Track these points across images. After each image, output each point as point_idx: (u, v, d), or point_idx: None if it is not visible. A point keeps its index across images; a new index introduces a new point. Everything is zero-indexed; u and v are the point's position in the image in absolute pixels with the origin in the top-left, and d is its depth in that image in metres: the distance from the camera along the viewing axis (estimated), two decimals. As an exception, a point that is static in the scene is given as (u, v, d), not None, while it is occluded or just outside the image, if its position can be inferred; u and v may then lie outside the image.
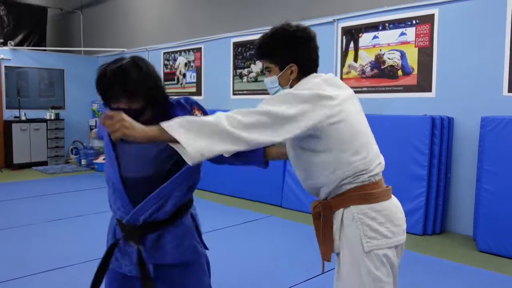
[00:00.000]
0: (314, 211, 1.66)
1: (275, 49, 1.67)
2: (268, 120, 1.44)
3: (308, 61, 1.68)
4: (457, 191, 4.71)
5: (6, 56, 9.08)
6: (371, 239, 1.54)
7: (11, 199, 6.11)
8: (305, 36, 1.66)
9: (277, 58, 1.68)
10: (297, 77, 1.66)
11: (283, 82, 1.69)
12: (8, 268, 3.55)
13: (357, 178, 1.57)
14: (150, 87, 1.64)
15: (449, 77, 4.73)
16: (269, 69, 1.72)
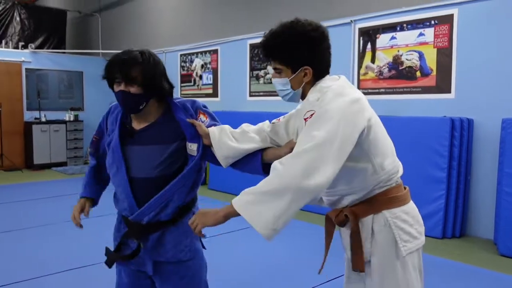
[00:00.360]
0: (337, 220, 1.57)
1: (289, 50, 1.53)
2: (323, 152, 1.35)
3: (324, 63, 1.57)
4: (477, 194, 4.62)
5: (27, 59, 9.26)
6: (406, 243, 1.51)
7: (31, 199, 6.22)
8: (319, 36, 1.53)
9: (291, 60, 1.54)
10: (311, 79, 1.55)
11: (295, 85, 1.57)
12: (26, 267, 3.61)
13: (388, 181, 1.52)
14: (149, 75, 1.69)
15: (469, 78, 4.65)
16: (279, 70, 1.58)
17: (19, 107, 9.18)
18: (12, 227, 4.72)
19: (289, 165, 1.36)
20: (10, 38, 10.60)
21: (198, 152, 1.74)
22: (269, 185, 1.37)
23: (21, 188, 7.11)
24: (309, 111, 1.47)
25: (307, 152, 1.36)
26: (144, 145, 1.75)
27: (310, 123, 1.43)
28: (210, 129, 1.75)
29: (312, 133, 1.38)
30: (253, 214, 1.36)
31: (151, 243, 1.78)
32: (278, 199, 1.34)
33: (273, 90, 6.77)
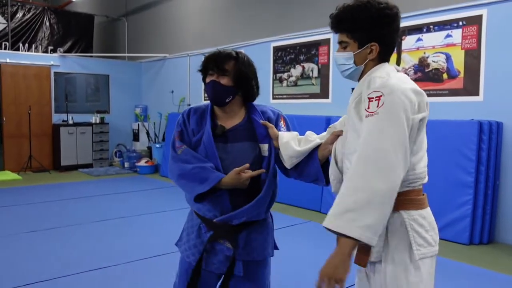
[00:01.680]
0: None
1: (360, 24, 1.52)
2: (397, 148, 1.37)
3: (391, 43, 1.57)
4: (507, 199, 4.49)
5: (56, 63, 9.48)
6: (420, 247, 1.47)
7: (58, 200, 6.35)
8: (393, 15, 1.53)
9: (359, 34, 1.53)
10: (375, 58, 1.55)
11: (359, 61, 1.56)
12: (54, 266, 3.68)
13: (412, 183, 1.50)
14: (240, 70, 1.81)
15: (498, 80, 4.53)
16: (346, 44, 1.57)
17: (47, 110, 9.40)
18: (39, 227, 4.83)
19: (370, 165, 1.38)
20: (40, 43, 10.89)
21: (269, 152, 1.83)
22: (364, 197, 1.37)
23: (48, 188, 7.27)
24: (376, 91, 1.45)
25: (388, 149, 1.38)
26: (235, 142, 1.83)
27: (383, 112, 1.41)
28: (280, 133, 1.84)
29: (382, 124, 1.40)
30: (359, 231, 1.36)
31: (242, 243, 1.81)
32: (379, 208, 1.36)
33: (296, 92, 6.76)
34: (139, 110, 10.20)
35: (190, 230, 1.91)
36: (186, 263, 1.92)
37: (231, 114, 1.86)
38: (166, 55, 9.65)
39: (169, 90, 9.37)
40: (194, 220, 1.91)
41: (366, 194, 1.35)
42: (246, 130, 1.85)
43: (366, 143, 1.40)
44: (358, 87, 1.59)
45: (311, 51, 6.52)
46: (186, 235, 1.94)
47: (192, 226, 1.91)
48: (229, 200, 1.78)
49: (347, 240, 1.37)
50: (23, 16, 10.77)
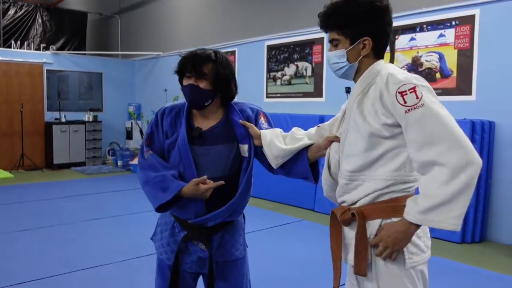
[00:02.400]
0: (342, 218, 1.53)
1: (350, 19, 1.48)
2: (458, 126, 1.36)
3: (384, 36, 1.52)
4: (499, 198, 4.52)
5: (48, 60, 9.42)
6: (413, 255, 1.45)
7: (50, 198, 6.31)
8: (383, 7, 1.49)
9: (350, 30, 1.49)
10: (369, 54, 1.51)
11: (352, 58, 1.52)
12: (47, 265, 3.66)
13: (407, 184, 1.47)
14: (219, 73, 1.76)
15: (490, 80, 4.56)
16: (337, 42, 1.53)
17: (40, 108, 9.34)
18: (32, 226, 4.80)
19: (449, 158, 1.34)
20: (32, 40, 10.82)
21: (249, 153, 1.80)
22: (451, 192, 1.33)
23: (41, 187, 7.23)
24: (406, 84, 1.40)
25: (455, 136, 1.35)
26: (211, 145, 1.78)
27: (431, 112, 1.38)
28: (262, 131, 1.80)
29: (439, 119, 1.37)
30: (451, 222, 1.35)
31: (216, 244, 1.82)
32: (462, 198, 1.34)
33: (289, 91, 6.76)
34: (133, 108, 10.16)
35: (164, 227, 1.89)
36: (164, 264, 1.90)
37: (208, 115, 1.82)
38: (159, 53, 9.62)
39: (162, 88, 9.34)
40: (167, 217, 1.88)
41: (459, 185, 1.31)
42: (224, 131, 1.81)
43: (434, 134, 1.34)
44: (360, 83, 1.53)
45: (305, 50, 6.53)
46: (159, 232, 1.92)
47: (166, 223, 1.88)
48: (204, 202, 1.75)
49: (413, 225, 1.39)
50: (15, 13, 10.69)
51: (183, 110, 1.84)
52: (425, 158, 1.35)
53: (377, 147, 1.45)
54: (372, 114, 1.45)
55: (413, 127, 1.36)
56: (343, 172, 1.55)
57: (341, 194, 1.58)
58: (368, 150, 1.47)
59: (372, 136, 1.45)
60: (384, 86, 1.43)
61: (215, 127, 1.81)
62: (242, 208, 1.85)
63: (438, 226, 1.34)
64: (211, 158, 1.77)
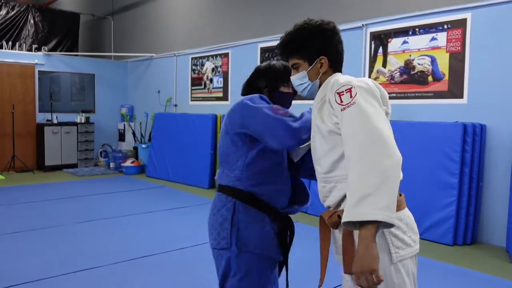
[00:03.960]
0: (330, 221, 1.57)
1: (304, 43, 1.66)
2: (386, 125, 1.43)
3: (336, 54, 1.68)
4: (490, 201, 4.56)
5: (40, 61, 9.36)
6: (398, 249, 1.49)
7: (42, 200, 6.27)
8: (330, 29, 1.66)
9: (306, 52, 1.66)
10: (327, 70, 1.66)
11: (313, 77, 1.68)
12: (38, 268, 3.63)
13: None
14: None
15: (482, 83, 4.60)
16: (297, 65, 1.70)
17: (31, 109, 9.28)
18: (23, 228, 4.76)
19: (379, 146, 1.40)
20: (24, 41, 10.74)
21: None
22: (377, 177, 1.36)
23: (32, 189, 7.17)
24: (344, 85, 1.50)
25: (377, 130, 1.42)
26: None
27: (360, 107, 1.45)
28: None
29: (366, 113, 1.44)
30: (382, 213, 1.34)
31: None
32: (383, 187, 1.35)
33: (283, 94, 6.76)
34: (125, 110, 10.12)
35: (261, 225, 1.88)
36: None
37: None
38: (152, 54, 9.60)
39: (155, 90, 9.32)
40: (261, 215, 1.88)
41: (376, 175, 1.34)
42: None
43: (355, 130, 1.41)
44: (319, 93, 1.66)
45: (298, 53, 6.53)
46: (255, 233, 1.90)
47: (259, 220, 1.88)
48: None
49: (367, 228, 1.35)
50: (7, 14, 10.61)
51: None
52: (347, 152, 1.44)
53: (339, 145, 1.53)
54: (327, 115, 1.56)
55: (344, 123, 1.45)
56: (319, 176, 1.65)
57: (324, 199, 1.65)
58: (332, 149, 1.56)
59: (331, 133, 1.54)
60: (330, 89, 1.55)
61: None
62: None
63: (372, 218, 1.33)
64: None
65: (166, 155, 8.19)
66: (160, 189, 7.39)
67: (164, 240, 4.43)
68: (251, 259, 1.86)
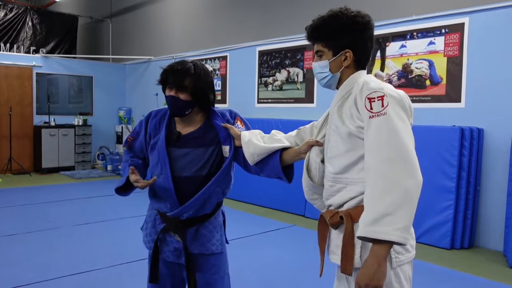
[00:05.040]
0: (331, 221, 1.58)
1: (332, 32, 1.59)
2: (412, 144, 1.41)
3: (364, 50, 1.61)
4: (487, 205, 4.56)
5: (38, 63, 9.35)
6: (399, 254, 1.49)
7: (38, 202, 6.24)
8: (364, 23, 1.59)
9: (332, 42, 1.60)
10: (350, 65, 1.60)
11: (334, 69, 1.62)
12: (34, 270, 3.61)
13: None
14: (198, 86, 1.91)
15: (480, 87, 4.61)
16: (321, 53, 1.63)
17: (29, 111, 9.26)
18: (20, 230, 4.74)
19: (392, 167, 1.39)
20: (22, 43, 10.73)
21: (230, 153, 1.96)
22: (397, 198, 1.36)
23: (29, 191, 7.15)
24: (376, 91, 1.46)
25: (401, 148, 1.40)
26: (189, 148, 1.96)
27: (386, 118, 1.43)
28: (242, 132, 1.94)
29: (391, 126, 1.42)
30: (398, 234, 1.35)
31: (189, 236, 1.96)
32: (406, 206, 1.36)
33: (281, 97, 6.78)
34: (123, 113, 10.11)
35: (148, 219, 2.08)
36: (148, 254, 2.07)
37: (188, 121, 1.99)
38: (150, 57, 9.60)
39: (153, 92, 9.31)
40: (151, 210, 2.08)
41: (398, 195, 1.35)
42: (203, 136, 1.98)
43: (382, 143, 1.40)
44: (341, 90, 1.62)
45: (296, 56, 6.55)
46: (145, 223, 2.11)
47: (150, 216, 2.08)
48: (177, 199, 1.92)
49: (382, 246, 1.37)
50: (5, 16, 10.60)
51: (166, 115, 2.03)
52: (369, 162, 1.43)
53: (357, 148, 1.51)
54: (349, 117, 1.53)
55: (371, 131, 1.43)
56: (328, 174, 1.62)
57: (327, 197, 1.64)
58: (349, 151, 1.53)
59: (351, 136, 1.52)
60: (359, 92, 1.51)
61: (194, 132, 1.98)
62: (213, 201, 1.98)
63: (388, 238, 1.35)
64: (188, 160, 1.94)
65: (164, 158, 8.17)
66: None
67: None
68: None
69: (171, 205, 1.95)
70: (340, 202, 1.57)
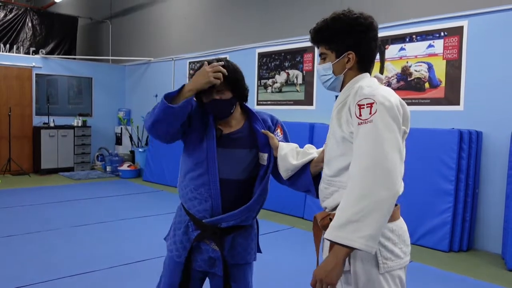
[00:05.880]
0: (322, 223, 1.59)
1: (335, 34, 1.59)
2: (395, 155, 1.40)
3: (367, 51, 1.61)
4: (485, 207, 4.57)
5: (38, 64, 9.35)
6: (387, 260, 1.48)
7: (37, 203, 6.24)
8: (367, 24, 1.58)
9: (336, 44, 1.59)
10: (353, 66, 1.60)
11: (338, 71, 1.61)
12: (33, 271, 3.61)
13: None
14: (234, 80, 1.82)
15: (478, 90, 4.62)
16: (324, 55, 1.64)
17: (28, 112, 9.25)
18: (18, 231, 4.74)
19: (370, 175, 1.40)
20: (22, 44, 10.73)
21: (268, 162, 1.88)
22: (364, 207, 1.38)
23: (28, 192, 7.14)
24: (366, 98, 1.46)
25: (376, 160, 1.40)
26: (234, 148, 1.86)
27: (374, 128, 1.42)
28: (280, 144, 1.88)
29: (379, 133, 1.42)
30: (361, 242, 1.37)
31: (227, 245, 1.86)
32: (371, 216, 1.37)
33: (280, 99, 6.79)
34: (122, 114, 10.11)
35: (178, 226, 1.93)
36: (173, 262, 1.93)
37: (231, 121, 1.90)
38: (150, 59, 9.60)
39: (153, 94, 9.31)
40: (182, 216, 1.92)
41: (369, 204, 1.36)
42: (245, 137, 1.89)
43: (364, 151, 1.41)
44: (342, 94, 1.62)
45: (296, 58, 6.56)
46: (173, 231, 1.96)
47: (180, 222, 1.93)
48: (220, 203, 1.81)
49: (343, 249, 1.39)
50: (5, 16, 10.61)
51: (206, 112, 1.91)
52: (351, 169, 1.44)
53: (349, 153, 1.51)
54: (345, 122, 1.54)
55: (358, 139, 1.44)
56: (324, 177, 1.65)
57: (323, 199, 1.66)
58: (342, 155, 1.55)
59: (344, 141, 1.53)
60: (352, 97, 1.52)
61: (237, 132, 1.89)
62: (255, 213, 1.90)
63: (350, 244, 1.37)
64: (230, 161, 1.84)
65: (163, 159, 8.18)
66: (157, 193, 7.37)
67: (160, 245, 4.41)
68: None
69: (212, 210, 1.82)
70: (333, 205, 1.58)
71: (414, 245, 4.57)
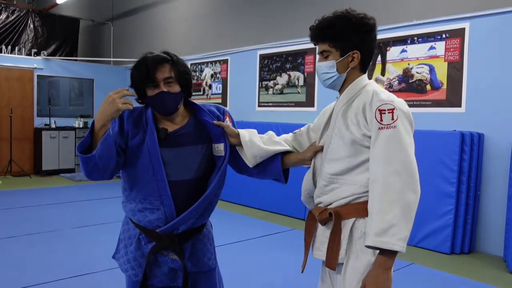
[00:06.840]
0: (320, 217, 1.61)
1: (341, 32, 1.58)
2: (414, 160, 1.48)
3: (369, 52, 1.64)
4: (487, 210, 4.56)
5: (39, 66, 9.36)
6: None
7: (38, 205, 6.24)
8: (371, 24, 1.61)
9: (341, 42, 1.59)
10: (356, 66, 1.61)
11: (341, 69, 1.61)
12: (33, 273, 3.61)
13: None
14: (182, 72, 1.69)
15: (480, 92, 4.61)
16: (327, 53, 1.62)
17: (29, 113, 9.26)
18: (19, 233, 4.73)
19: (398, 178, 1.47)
20: (23, 45, 10.75)
21: (225, 151, 1.75)
22: (403, 210, 1.44)
23: (29, 193, 7.14)
24: (387, 104, 1.50)
25: (404, 161, 1.47)
26: (182, 147, 1.70)
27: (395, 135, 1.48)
28: (240, 130, 1.80)
29: (399, 139, 1.48)
30: (400, 244, 1.43)
31: (187, 253, 1.72)
32: (408, 217, 1.44)
33: (281, 100, 6.78)
34: (124, 115, 10.11)
35: (128, 242, 1.76)
36: (131, 282, 1.76)
37: (175, 118, 1.73)
38: (152, 60, 9.60)
39: (154, 95, 9.33)
40: (131, 230, 1.76)
41: (402, 207, 1.42)
42: (192, 133, 1.74)
43: (389, 155, 1.46)
44: (345, 95, 1.63)
45: (297, 60, 6.56)
46: (123, 247, 1.79)
47: (129, 237, 1.76)
48: (174, 209, 1.66)
49: (387, 256, 1.44)
50: (7, 18, 10.63)
51: (145, 112, 1.75)
52: (377, 173, 1.47)
53: (359, 155, 1.55)
54: (355, 124, 1.55)
55: (379, 143, 1.48)
56: (324, 174, 1.65)
57: (319, 195, 1.67)
58: (350, 156, 1.57)
59: (354, 143, 1.55)
60: (369, 102, 1.54)
61: (182, 128, 1.73)
62: (211, 209, 1.77)
63: (393, 248, 1.42)
64: (180, 161, 1.69)
65: (164, 161, 8.17)
66: (158, 195, 7.36)
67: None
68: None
69: (166, 217, 1.66)
70: (330, 201, 1.61)
71: (415, 247, 4.55)
